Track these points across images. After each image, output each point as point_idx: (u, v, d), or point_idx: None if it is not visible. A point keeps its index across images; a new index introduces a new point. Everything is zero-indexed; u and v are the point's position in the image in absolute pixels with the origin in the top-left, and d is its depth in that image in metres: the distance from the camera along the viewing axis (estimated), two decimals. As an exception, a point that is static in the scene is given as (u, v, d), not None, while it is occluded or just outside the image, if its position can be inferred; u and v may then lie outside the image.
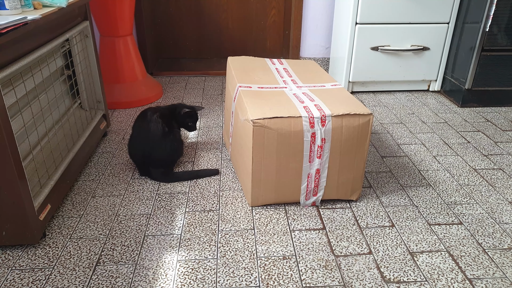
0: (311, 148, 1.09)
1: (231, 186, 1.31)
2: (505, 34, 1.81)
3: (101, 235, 1.09)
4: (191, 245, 1.06)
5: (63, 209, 1.19)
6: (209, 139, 1.63)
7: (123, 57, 1.90)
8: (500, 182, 1.36)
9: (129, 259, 1.01)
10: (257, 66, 1.45)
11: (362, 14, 1.93)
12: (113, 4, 1.77)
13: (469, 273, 0.98)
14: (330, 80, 1.34)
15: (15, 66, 0.95)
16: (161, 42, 2.57)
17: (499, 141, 1.65)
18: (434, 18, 1.98)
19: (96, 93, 1.56)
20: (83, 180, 1.34)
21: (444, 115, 1.89)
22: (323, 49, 2.42)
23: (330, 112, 1.08)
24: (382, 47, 2.01)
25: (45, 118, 1.18)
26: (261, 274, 0.97)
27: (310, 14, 2.32)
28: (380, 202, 1.24)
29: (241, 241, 1.07)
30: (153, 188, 1.30)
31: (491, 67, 1.88)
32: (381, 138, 1.66)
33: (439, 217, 1.18)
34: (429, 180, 1.37)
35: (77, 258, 1.01)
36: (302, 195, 1.18)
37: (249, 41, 2.60)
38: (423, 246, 1.06)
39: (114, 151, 1.53)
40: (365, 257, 1.03)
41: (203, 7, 2.48)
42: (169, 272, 0.97)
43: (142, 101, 1.94)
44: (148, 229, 1.11)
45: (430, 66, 2.09)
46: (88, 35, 1.45)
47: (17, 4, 1.00)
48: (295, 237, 1.09)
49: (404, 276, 0.97)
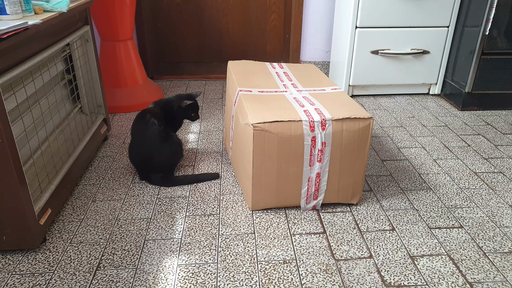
0: (312, 152, 1.09)
1: (231, 190, 1.31)
2: (505, 38, 1.82)
3: (102, 240, 1.09)
4: (191, 250, 1.05)
5: (64, 213, 1.19)
6: (210, 143, 1.63)
7: (123, 61, 1.90)
8: (500, 185, 1.36)
9: (130, 263, 1.01)
10: (258, 70, 1.46)
11: (362, 18, 1.94)
12: (114, 9, 1.77)
13: (469, 276, 0.98)
14: (330, 84, 1.34)
15: (16, 71, 0.96)
16: (162, 46, 2.58)
17: (500, 144, 1.65)
18: (434, 22, 1.99)
19: (97, 97, 1.56)
20: (84, 185, 1.34)
21: (444, 119, 1.89)
22: (323, 53, 2.42)
23: (331, 116, 1.08)
24: (382, 51, 2.02)
25: (46, 122, 1.18)
26: (261, 278, 0.97)
27: (310, 18, 2.33)
28: (381, 206, 1.24)
29: (242, 245, 1.07)
30: (154, 193, 1.30)
31: (491, 71, 1.89)
32: (381, 142, 1.66)
33: (439, 221, 1.18)
34: (430, 183, 1.37)
35: (78, 262, 1.01)
36: (303, 199, 1.18)
37: (249, 45, 2.61)
38: (423, 250, 1.06)
39: (114, 155, 1.53)
40: (365, 261, 1.02)
41: (203, 11, 2.49)
42: (170, 277, 0.97)
43: (142, 105, 1.94)
44: (148, 234, 1.11)
45: (430, 70, 2.10)
46: (88, 40, 1.46)
47: (18, 9, 1.00)
48: (295, 241, 1.09)
49: (404, 280, 0.97)
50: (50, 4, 1.12)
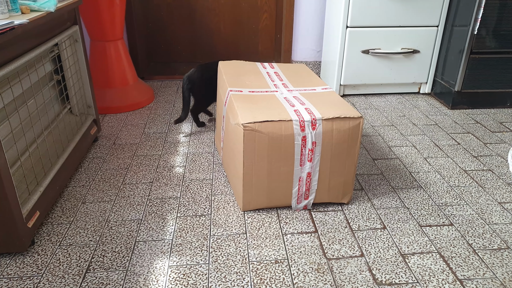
0: (302, 152, 1.09)
1: (223, 191, 1.31)
2: (493, 37, 1.84)
3: (91, 242, 1.08)
4: (182, 251, 1.05)
5: (53, 215, 1.18)
6: (201, 144, 1.62)
7: (113, 61, 1.89)
8: (489, 183, 1.37)
9: (120, 265, 1.00)
10: (248, 70, 1.46)
11: (352, 18, 1.95)
12: (103, 9, 1.76)
13: (459, 274, 0.99)
14: (321, 84, 1.35)
15: (2, 71, 0.94)
16: (153, 47, 2.56)
17: (489, 142, 1.67)
18: (424, 21, 2.00)
19: (87, 98, 1.55)
20: (73, 186, 1.32)
21: (434, 117, 1.91)
22: (315, 53, 2.43)
23: (321, 116, 1.08)
24: (373, 50, 2.03)
25: (34, 124, 1.16)
26: (253, 278, 0.96)
27: (301, 18, 2.33)
28: (372, 205, 1.25)
29: (233, 245, 1.07)
30: (144, 194, 1.29)
31: (479, 70, 1.91)
32: (372, 141, 1.67)
33: (430, 219, 1.19)
34: (420, 182, 1.38)
35: (67, 265, 1.00)
36: (294, 198, 1.17)
37: (241, 45, 2.61)
38: (414, 248, 1.07)
39: (104, 156, 1.51)
40: (357, 259, 1.03)
41: (195, 11, 2.48)
42: (160, 278, 0.96)
43: (133, 105, 1.93)
44: (139, 235, 1.10)
45: (420, 69, 2.11)
46: (77, 40, 1.44)
47: (4, 8, 0.99)
48: (287, 240, 1.09)
49: (395, 278, 0.97)
50: (37, 4, 1.11)
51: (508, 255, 1.05)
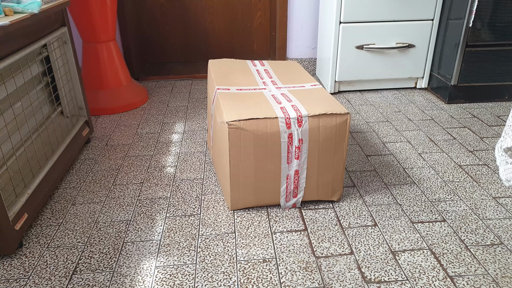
0: (289, 149, 1.08)
1: (213, 190, 1.30)
2: (488, 30, 1.81)
3: (79, 243, 1.07)
4: (170, 251, 1.04)
5: (42, 217, 1.18)
6: (194, 143, 1.62)
7: (106, 63, 1.88)
8: (484, 177, 1.35)
9: (107, 266, 0.99)
10: (238, 68, 1.45)
11: (345, 13, 1.93)
12: (94, 11, 1.76)
13: (450, 270, 0.97)
14: (310, 81, 1.33)
15: (-16, 74, 0.94)
16: (147, 47, 2.56)
17: (485, 136, 1.64)
18: (418, 15, 1.98)
19: (77, 99, 1.55)
20: (64, 188, 1.32)
21: (430, 112, 1.88)
22: (310, 50, 2.41)
23: (307, 113, 1.07)
24: (367, 46, 2.01)
25: (19, 126, 1.16)
26: (240, 278, 0.95)
27: (295, 15, 2.31)
28: (363, 202, 1.23)
29: (221, 245, 1.06)
30: (134, 194, 1.28)
31: (475, 63, 1.88)
32: (366, 137, 1.65)
33: (422, 215, 1.17)
34: (414, 177, 1.36)
35: (54, 267, 0.99)
36: (282, 197, 1.16)
37: (235, 44, 2.60)
38: (405, 245, 1.05)
39: (96, 157, 1.51)
40: (346, 257, 1.01)
41: (188, 11, 2.47)
42: (147, 279, 0.95)
43: (126, 106, 1.93)
44: (127, 236, 1.10)
45: (416, 63, 2.09)
46: (66, 41, 1.44)
47: (-14, 11, 0.99)
48: (276, 239, 1.08)
49: (385, 275, 0.96)
50: (21, 6, 1.10)
51: (501, 251, 1.03)
